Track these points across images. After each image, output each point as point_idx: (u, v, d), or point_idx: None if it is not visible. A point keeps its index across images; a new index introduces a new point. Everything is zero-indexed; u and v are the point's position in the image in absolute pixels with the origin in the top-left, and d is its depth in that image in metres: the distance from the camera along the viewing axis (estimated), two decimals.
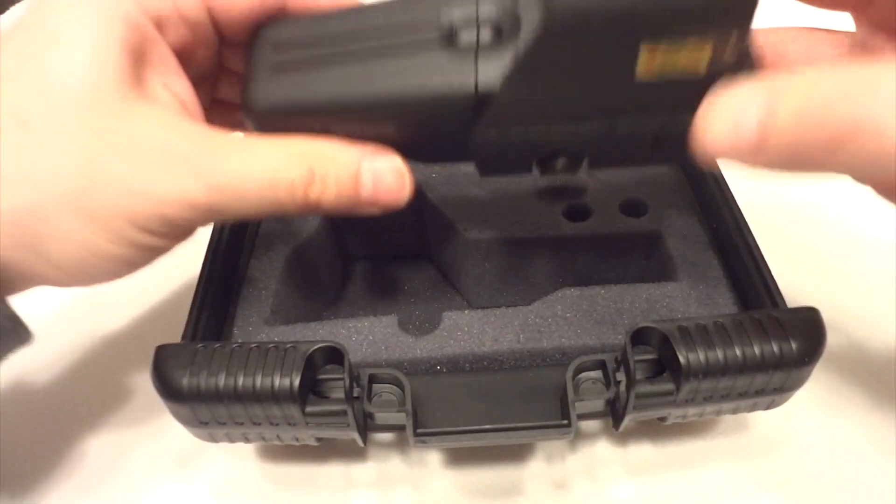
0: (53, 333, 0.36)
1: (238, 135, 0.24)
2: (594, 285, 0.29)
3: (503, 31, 0.22)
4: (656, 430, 0.30)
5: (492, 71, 0.22)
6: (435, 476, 0.29)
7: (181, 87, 0.25)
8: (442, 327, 0.28)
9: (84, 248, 0.22)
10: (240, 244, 0.32)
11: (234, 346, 0.24)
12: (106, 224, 0.21)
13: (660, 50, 0.20)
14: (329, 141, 0.24)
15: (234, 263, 0.32)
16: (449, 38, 0.22)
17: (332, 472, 0.30)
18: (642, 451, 0.30)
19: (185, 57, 0.25)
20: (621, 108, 0.22)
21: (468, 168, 0.27)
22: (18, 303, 0.24)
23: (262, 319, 0.29)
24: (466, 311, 0.29)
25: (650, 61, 0.20)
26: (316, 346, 0.24)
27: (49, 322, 0.36)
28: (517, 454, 0.30)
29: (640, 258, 0.32)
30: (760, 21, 0.21)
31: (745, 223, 0.30)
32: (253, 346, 0.24)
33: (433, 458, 0.30)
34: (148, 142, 0.22)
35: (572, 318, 0.28)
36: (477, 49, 0.22)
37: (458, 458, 0.30)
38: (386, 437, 0.31)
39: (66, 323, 0.37)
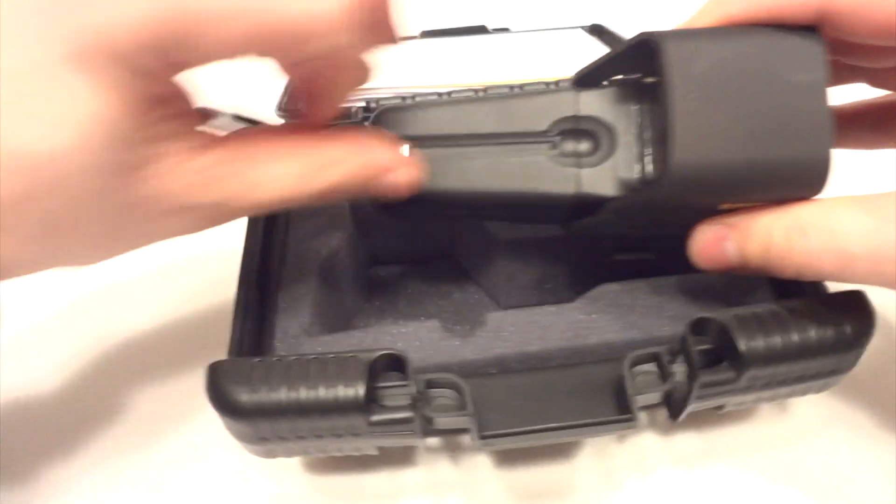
0: (54, 341, 0.35)
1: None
2: (632, 279, 0.30)
3: (600, 142, 0.26)
4: (698, 419, 0.30)
5: (591, 178, 0.26)
6: (485, 478, 0.29)
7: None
8: (487, 328, 0.28)
9: None
10: (272, 255, 0.32)
11: (293, 358, 0.24)
12: None
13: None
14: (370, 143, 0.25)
15: (268, 275, 0.31)
16: (554, 147, 0.26)
17: (380, 480, 0.29)
18: (688, 441, 0.30)
19: None
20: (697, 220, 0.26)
21: None
22: None
23: (302, 330, 0.29)
24: (510, 311, 0.29)
25: (730, 205, 0.24)
26: (378, 354, 0.24)
27: (49, 327, 0.36)
28: (565, 451, 0.30)
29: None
30: None
31: None
32: (311, 357, 0.24)
33: (482, 461, 0.30)
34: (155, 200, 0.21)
35: (616, 313, 0.28)
36: (579, 158, 0.26)
37: (506, 459, 0.30)
38: (433, 441, 0.30)
39: (68, 327, 0.36)
